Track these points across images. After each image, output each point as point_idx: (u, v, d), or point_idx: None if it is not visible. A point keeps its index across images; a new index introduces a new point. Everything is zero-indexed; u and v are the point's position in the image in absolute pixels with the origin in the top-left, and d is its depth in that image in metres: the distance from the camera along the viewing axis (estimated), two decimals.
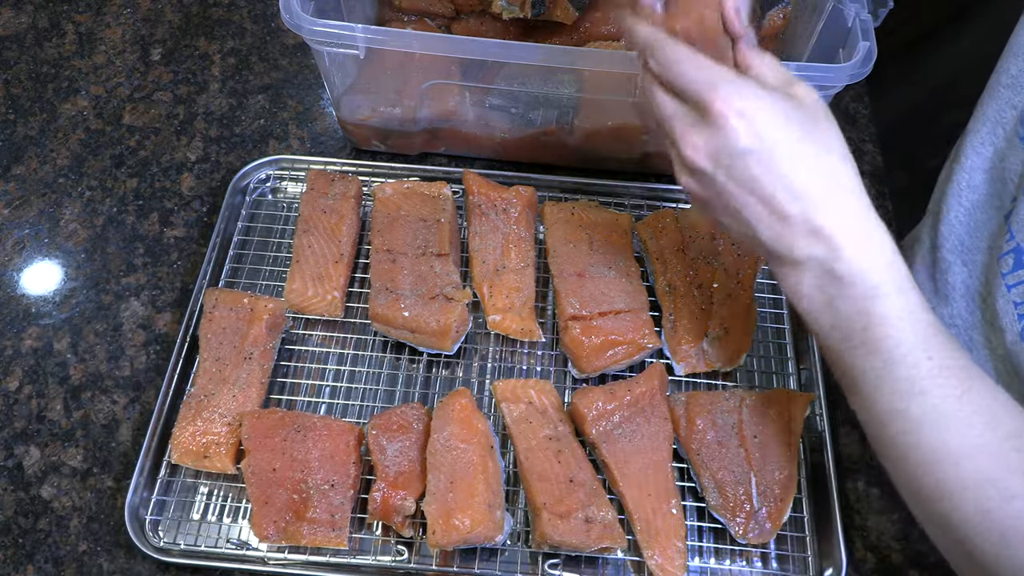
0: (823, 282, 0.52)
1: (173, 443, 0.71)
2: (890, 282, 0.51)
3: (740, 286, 0.79)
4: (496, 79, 0.88)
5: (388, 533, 0.70)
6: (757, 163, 0.50)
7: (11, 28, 1.04)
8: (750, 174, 0.51)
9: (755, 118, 0.50)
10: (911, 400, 0.50)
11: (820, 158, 0.52)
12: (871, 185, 0.93)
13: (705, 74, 0.51)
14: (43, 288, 0.84)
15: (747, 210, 0.52)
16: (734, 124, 0.50)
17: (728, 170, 0.51)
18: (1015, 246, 0.69)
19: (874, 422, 0.53)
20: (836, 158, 0.52)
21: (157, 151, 0.94)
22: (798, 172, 0.51)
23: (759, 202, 0.51)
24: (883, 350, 0.51)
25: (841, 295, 0.52)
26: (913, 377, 0.50)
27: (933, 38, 1.18)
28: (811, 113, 0.53)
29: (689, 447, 0.71)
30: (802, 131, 0.51)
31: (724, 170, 0.51)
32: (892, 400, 0.51)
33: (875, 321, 0.51)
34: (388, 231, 0.81)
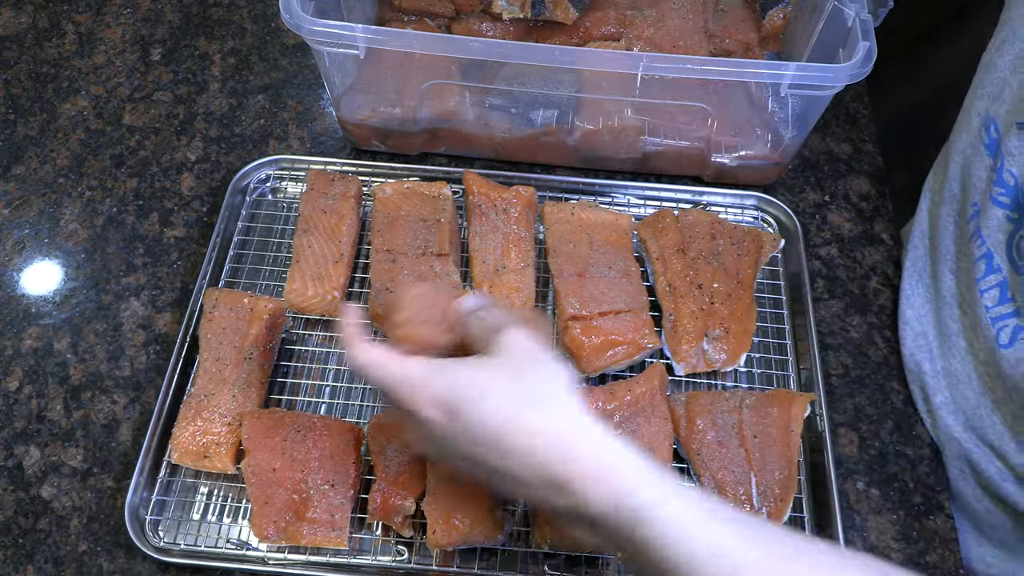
0: (588, 528, 0.49)
1: (173, 443, 0.71)
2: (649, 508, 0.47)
3: (740, 286, 0.79)
4: (496, 79, 0.88)
5: (388, 533, 0.70)
6: (466, 441, 0.51)
7: (11, 28, 1.04)
8: (467, 453, 0.51)
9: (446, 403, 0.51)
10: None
11: (534, 413, 0.50)
12: (871, 185, 0.93)
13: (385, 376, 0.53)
14: (43, 288, 0.84)
15: (485, 474, 0.52)
16: (427, 415, 0.51)
17: (450, 452, 0.52)
18: (986, 251, 0.70)
19: None
20: (552, 407, 0.51)
21: (157, 151, 0.94)
22: (512, 434, 0.49)
23: (489, 469, 0.51)
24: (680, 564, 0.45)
25: (610, 536, 0.48)
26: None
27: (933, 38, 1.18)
28: (518, 364, 0.52)
29: (689, 447, 0.71)
30: (507, 390, 0.51)
31: (449, 452, 0.52)
32: None
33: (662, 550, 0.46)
34: (388, 231, 0.81)
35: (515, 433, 0.50)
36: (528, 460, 0.49)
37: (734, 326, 0.77)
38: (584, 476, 0.48)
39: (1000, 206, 0.68)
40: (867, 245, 0.89)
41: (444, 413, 0.51)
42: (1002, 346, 0.68)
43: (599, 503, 0.48)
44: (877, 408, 0.79)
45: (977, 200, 0.72)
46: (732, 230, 0.83)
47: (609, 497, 0.47)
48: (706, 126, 0.86)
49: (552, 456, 0.49)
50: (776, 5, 0.96)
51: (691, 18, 0.93)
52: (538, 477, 0.49)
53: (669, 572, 0.46)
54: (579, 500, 0.48)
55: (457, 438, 0.51)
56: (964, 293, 0.74)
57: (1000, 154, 0.67)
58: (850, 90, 1.00)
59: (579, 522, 0.50)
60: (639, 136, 0.88)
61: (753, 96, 0.89)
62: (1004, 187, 0.67)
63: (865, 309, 0.85)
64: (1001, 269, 0.69)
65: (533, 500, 0.53)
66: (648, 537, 0.46)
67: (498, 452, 0.50)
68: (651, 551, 0.46)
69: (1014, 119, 0.64)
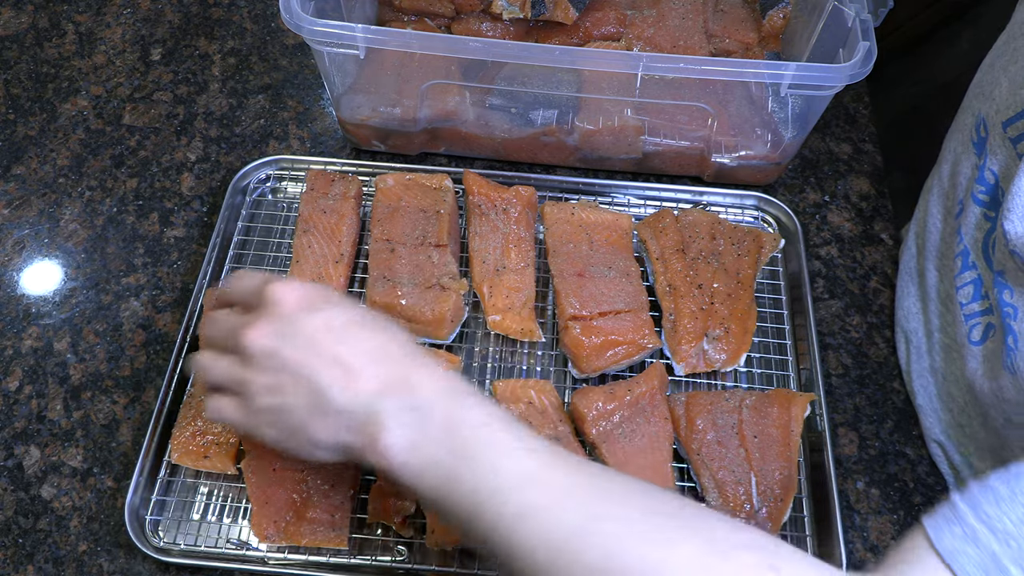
0: (406, 418, 0.52)
1: (173, 443, 0.71)
2: (467, 393, 0.53)
3: (740, 286, 0.79)
4: (496, 79, 0.88)
5: (388, 533, 0.70)
6: (316, 324, 0.54)
7: (11, 28, 1.04)
8: (311, 336, 0.54)
9: (306, 292, 0.56)
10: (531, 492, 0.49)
11: (371, 317, 0.57)
12: (871, 185, 0.93)
13: (262, 276, 0.58)
14: (43, 288, 0.84)
15: (313, 371, 0.53)
16: (284, 296, 0.55)
17: (293, 339, 0.54)
18: (963, 248, 0.70)
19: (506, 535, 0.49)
20: (390, 322, 0.58)
21: (157, 151, 0.94)
22: (358, 327, 0.55)
23: (326, 359, 0.53)
24: (486, 459, 0.50)
25: (426, 421, 0.52)
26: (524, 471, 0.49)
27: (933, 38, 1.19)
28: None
29: (689, 447, 0.71)
30: (343, 300, 0.57)
31: (289, 341, 0.54)
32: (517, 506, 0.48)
33: (464, 433, 0.51)
34: (388, 221, 0.81)
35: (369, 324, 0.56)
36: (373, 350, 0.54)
37: (734, 326, 0.77)
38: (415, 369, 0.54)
39: (979, 204, 0.68)
40: (867, 245, 0.89)
41: (301, 302, 0.55)
42: (973, 343, 0.69)
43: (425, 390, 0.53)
44: (877, 408, 0.79)
45: (961, 198, 0.73)
46: (732, 230, 0.83)
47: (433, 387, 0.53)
48: (706, 126, 0.86)
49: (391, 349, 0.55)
50: (776, 5, 0.96)
51: (691, 18, 0.94)
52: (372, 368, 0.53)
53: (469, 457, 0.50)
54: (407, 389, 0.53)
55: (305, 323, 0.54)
56: (945, 290, 0.75)
57: (985, 153, 0.68)
58: (850, 90, 1.00)
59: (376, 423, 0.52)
60: (639, 136, 0.88)
61: (753, 96, 0.89)
62: (984, 185, 0.67)
63: (865, 309, 0.85)
64: (976, 267, 0.69)
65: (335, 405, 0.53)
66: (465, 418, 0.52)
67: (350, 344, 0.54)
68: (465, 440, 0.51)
69: (1000, 118, 0.65)
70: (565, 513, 0.47)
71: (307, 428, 0.54)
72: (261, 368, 0.55)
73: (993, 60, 0.71)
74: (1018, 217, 0.58)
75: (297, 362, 0.53)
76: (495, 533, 0.49)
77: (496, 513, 0.48)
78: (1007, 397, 0.64)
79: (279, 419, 0.55)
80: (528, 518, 0.48)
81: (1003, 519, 0.42)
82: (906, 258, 0.83)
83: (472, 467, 0.50)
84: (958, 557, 0.42)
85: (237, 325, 0.56)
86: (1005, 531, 0.41)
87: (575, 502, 0.48)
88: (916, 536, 0.44)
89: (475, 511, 0.49)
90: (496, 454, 0.50)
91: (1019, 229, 0.58)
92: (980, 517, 0.42)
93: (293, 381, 0.54)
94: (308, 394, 0.53)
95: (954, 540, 0.42)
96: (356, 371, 0.53)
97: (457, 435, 0.51)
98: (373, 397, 0.52)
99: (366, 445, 0.53)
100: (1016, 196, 0.58)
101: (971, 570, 0.41)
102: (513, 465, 0.50)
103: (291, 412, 0.54)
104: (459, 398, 0.53)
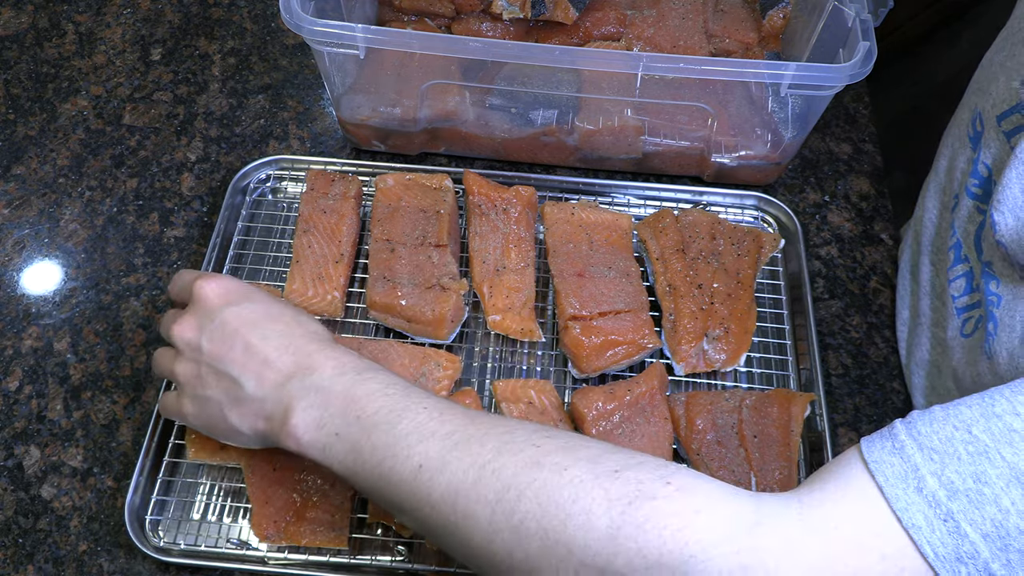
0: (311, 399, 0.55)
1: (188, 439, 0.71)
2: (364, 370, 0.56)
3: (740, 286, 0.79)
4: (496, 79, 0.88)
5: (388, 533, 0.70)
6: (234, 318, 0.58)
7: (11, 28, 1.04)
8: (228, 330, 0.58)
9: (226, 287, 0.61)
10: (428, 444, 0.51)
11: (289, 312, 0.61)
12: (871, 185, 0.93)
13: (193, 272, 0.64)
14: (43, 288, 0.84)
15: (232, 365, 0.57)
16: (205, 291, 0.60)
17: (212, 334, 0.58)
18: (956, 241, 0.71)
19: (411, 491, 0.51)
20: (307, 316, 0.62)
21: (157, 151, 0.94)
22: (270, 321, 0.59)
23: (240, 351, 0.57)
24: (384, 422, 0.53)
25: (327, 404, 0.54)
26: (420, 427, 0.52)
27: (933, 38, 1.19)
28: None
29: (689, 447, 0.71)
30: (262, 295, 0.62)
31: (208, 335, 0.59)
32: (417, 459, 0.51)
33: (363, 403, 0.54)
34: (388, 221, 0.81)
35: (279, 317, 0.60)
36: (284, 341, 0.58)
37: (734, 326, 0.77)
38: (319, 353, 0.57)
39: (972, 197, 0.69)
40: (867, 245, 0.89)
41: (222, 297, 0.60)
42: (964, 336, 0.69)
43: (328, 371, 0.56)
44: (877, 408, 0.79)
45: (956, 192, 0.73)
46: (732, 230, 0.83)
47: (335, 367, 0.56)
48: (706, 126, 0.86)
49: (298, 338, 0.58)
50: (776, 5, 0.96)
51: (691, 18, 0.94)
52: (289, 356, 0.57)
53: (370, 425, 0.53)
54: (312, 371, 0.56)
55: (223, 315, 0.59)
56: (940, 284, 0.75)
57: (979, 147, 0.68)
58: (850, 90, 1.00)
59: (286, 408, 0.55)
60: (639, 136, 0.88)
61: (753, 96, 0.89)
62: (978, 178, 0.68)
63: (865, 309, 0.85)
64: (967, 259, 0.70)
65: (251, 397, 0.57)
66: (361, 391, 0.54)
67: (262, 335, 0.58)
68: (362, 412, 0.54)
69: (995, 112, 0.65)
70: (463, 456, 0.50)
71: (227, 417, 0.58)
72: (186, 360, 0.60)
73: (992, 56, 0.71)
74: (1008, 208, 0.58)
75: (214, 354, 0.58)
76: (401, 492, 0.51)
77: (399, 472, 0.51)
78: (984, 383, 0.64)
79: (203, 409, 0.60)
80: (426, 469, 0.50)
81: (932, 437, 0.43)
82: (905, 255, 0.83)
83: (373, 433, 0.52)
84: (883, 468, 0.43)
85: (169, 320, 0.62)
86: (931, 447, 0.43)
87: (473, 446, 0.50)
88: (851, 452, 0.46)
89: (382, 476, 0.52)
90: (395, 416, 0.52)
91: (1008, 220, 0.58)
92: (911, 434, 0.44)
93: (212, 372, 0.59)
94: (225, 385, 0.58)
95: (882, 453, 0.44)
96: (266, 360, 0.57)
97: (356, 405, 0.54)
98: (281, 383, 0.56)
99: (278, 429, 0.56)
100: (1007, 187, 0.58)
101: (892, 479, 0.43)
102: (408, 424, 0.52)
103: (212, 402, 0.59)
104: (358, 373, 0.56)
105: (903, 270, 0.83)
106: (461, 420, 0.52)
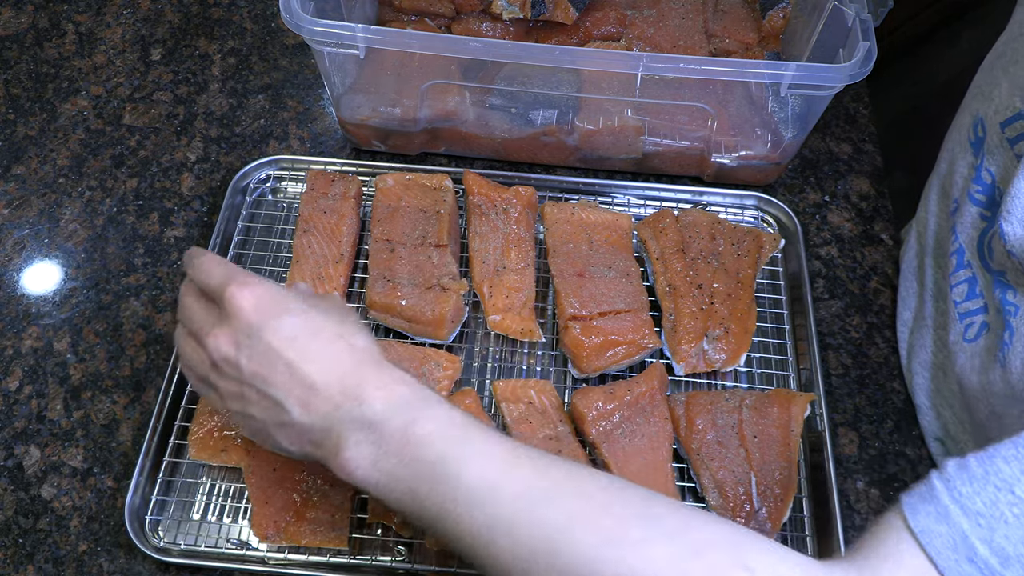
0: (363, 435, 0.51)
1: (191, 439, 0.71)
2: (420, 407, 0.52)
3: (740, 286, 0.79)
4: (496, 79, 0.88)
5: (388, 533, 0.70)
6: (272, 334, 0.53)
7: (11, 28, 1.04)
8: (269, 347, 0.53)
9: (262, 295, 0.54)
10: (495, 507, 0.49)
11: (334, 329, 0.55)
12: (871, 185, 0.93)
13: (223, 270, 0.56)
14: (43, 288, 0.84)
15: (274, 387, 0.53)
16: (240, 303, 0.53)
17: (250, 351, 0.53)
18: (958, 247, 0.71)
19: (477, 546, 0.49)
20: (350, 326, 0.56)
21: (157, 151, 0.94)
22: (312, 339, 0.54)
23: (283, 373, 0.53)
24: (444, 474, 0.50)
25: (382, 438, 0.51)
26: (484, 481, 0.49)
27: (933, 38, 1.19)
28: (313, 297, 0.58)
29: (689, 447, 0.71)
30: (315, 309, 0.55)
31: (247, 352, 0.53)
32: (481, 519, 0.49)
33: (424, 445, 0.50)
34: (388, 221, 0.81)
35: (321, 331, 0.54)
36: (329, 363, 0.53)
37: (734, 326, 0.77)
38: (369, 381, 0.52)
39: (975, 203, 0.69)
40: (867, 245, 0.89)
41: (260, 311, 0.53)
42: (967, 341, 0.69)
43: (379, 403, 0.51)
44: (877, 408, 0.79)
45: (957, 196, 0.73)
46: (732, 230, 0.83)
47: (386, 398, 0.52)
48: (706, 126, 0.86)
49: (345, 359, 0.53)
50: (776, 5, 0.96)
51: (691, 18, 0.94)
52: (326, 381, 0.52)
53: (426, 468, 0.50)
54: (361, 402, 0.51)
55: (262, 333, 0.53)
56: (941, 287, 0.75)
57: (982, 153, 0.68)
58: (850, 90, 1.00)
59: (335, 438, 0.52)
60: (639, 136, 0.88)
61: (753, 96, 0.89)
62: (981, 185, 0.68)
63: (865, 309, 0.85)
64: (971, 265, 0.70)
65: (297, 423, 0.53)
66: (418, 433, 0.50)
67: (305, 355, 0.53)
68: (420, 453, 0.50)
69: (998, 119, 0.65)
70: (534, 522, 0.47)
71: (272, 435, 0.55)
72: (225, 375, 0.55)
73: (993, 61, 0.71)
74: (1017, 219, 0.58)
75: (255, 374, 0.53)
76: (464, 542, 0.49)
77: (464, 526, 0.49)
78: (995, 391, 0.64)
79: (249, 424, 0.56)
80: (496, 530, 0.48)
81: (975, 499, 0.42)
82: (908, 255, 0.83)
83: (433, 481, 0.50)
84: (932, 539, 0.43)
85: (203, 324, 0.56)
86: (976, 511, 0.42)
87: (543, 509, 0.48)
88: (893, 516, 0.45)
89: (442, 522, 0.50)
90: (457, 466, 0.49)
91: (1018, 230, 0.58)
92: (953, 496, 0.43)
93: (255, 392, 0.54)
94: (269, 407, 0.54)
95: (928, 520, 0.43)
96: (312, 387, 0.52)
97: (413, 448, 0.50)
98: (329, 414, 0.52)
99: (329, 459, 0.53)
100: (1016, 197, 0.58)
101: (942, 550, 0.42)
102: (472, 476, 0.49)
103: (258, 420, 0.55)
104: (413, 409, 0.52)
105: (905, 271, 0.83)
106: (528, 473, 0.49)
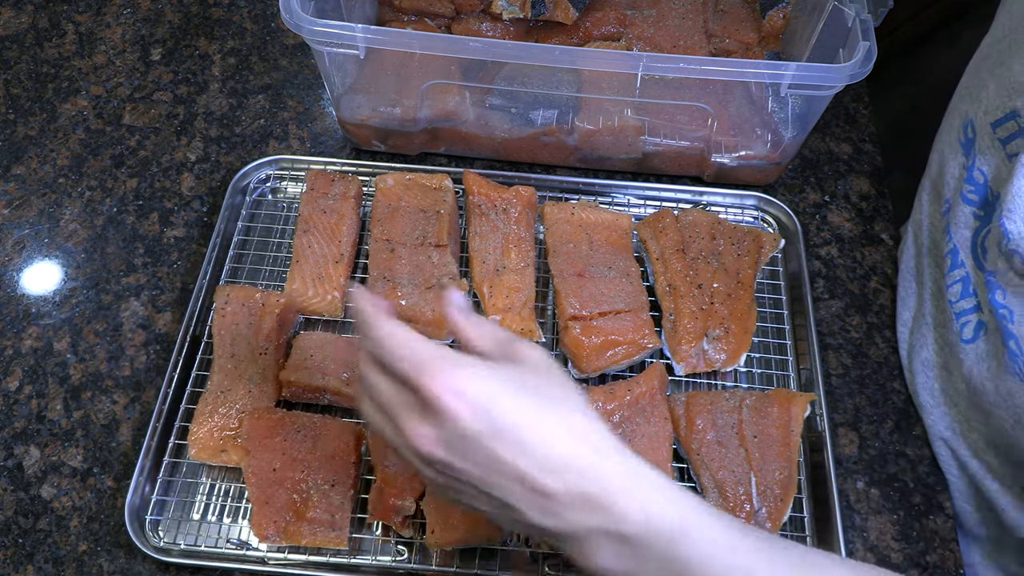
0: (617, 549, 0.46)
1: (191, 439, 0.71)
2: (679, 521, 0.46)
3: (740, 286, 0.79)
4: (496, 79, 0.88)
5: (388, 533, 0.70)
6: (495, 442, 0.45)
7: (11, 28, 1.04)
8: (491, 455, 0.45)
9: (478, 396, 0.45)
10: None
11: (564, 422, 0.47)
12: (871, 185, 0.93)
13: (412, 352, 0.46)
14: (43, 288, 0.84)
15: (502, 491, 0.46)
16: (455, 407, 0.45)
17: (465, 455, 0.46)
18: (953, 247, 0.71)
19: None
20: (580, 416, 0.48)
21: (157, 151, 0.94)
22: (545, 443, 0.46)
23: (512, 482, 0.46)
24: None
25: (641, 555, 0.46)
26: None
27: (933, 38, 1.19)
28: (541, 373, 0.49)
29: (689, 447, 0.71)
30: (537, 397, 0.47)
31: (460, 456, 0.46)
32: None
33: (690, 566, 0.46)
34: (388, 221, 0.82)
35: (545, 421, 0.46)
36: (564, 473, 0.46)
37: (734, 326, 0.77)
38: (618, 490, 0.46)
39: (968, 203, 0.69)
40: (867, 245, 0.89)
41: (471, 405, 0.45)
42: (964, 341, 0.69)
43: (633, 517, 0.45)
44: (877, 408, 0.79)
45: (949, 197, 0.73)
46: (732, 230, 0.83)
47: (642, 512, 0.46)
48: (706, 126, 0.86)
49: (585, 464, 0.46)
50: (776, 5, 0.96)
51: (691, 18, 0.94)
52: (567, 490, 0.45)
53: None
54: (612, 516, 0.46)
55: (480, 439, 0.45)
56: (939, 286, 0.76)
57: (973, 153, 0.68)
58: (850, 90, 1.00)
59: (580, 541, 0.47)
60: (639, 136, 0.88)
61: (753, 96, 0.89)
62: (974, 185, 0.68)
63: (865, 309, 0.85)
64: (965, 265, 0.70)
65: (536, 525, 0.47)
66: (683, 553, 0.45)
67: (531, 454, 0.45)
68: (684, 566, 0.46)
69: (988, 120, 0.65)
70: None
71: (499, 520, 0.50)
72: (435, 472, 0.48)
73: (979, 63, 0.72)
74: (1019, 217, 0.58)
75: (471, 476, 0.47)
76: None
77: None
78: (1018, 402, 0.64)
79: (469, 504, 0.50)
80: None
81: None
82: (906, 255, 0.83)
83: None
84: None
85: (398, 410, 0.48)
86: None
87: None
88: None
89: None
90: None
91: (1021, 229, 0.58)
92: None
93: (477, 492, 0.48)
94: (498, 505, 0.48)
95: None
96: (544, 493, 0.45)
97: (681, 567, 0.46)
98: (574, 521, 0.46)
99: (575, 557, 0.48)
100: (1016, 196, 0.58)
101: None
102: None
103: (478, 506, 0.49)
104: (671, 531, 0.46)
105: (904, 272, 0.83)
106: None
